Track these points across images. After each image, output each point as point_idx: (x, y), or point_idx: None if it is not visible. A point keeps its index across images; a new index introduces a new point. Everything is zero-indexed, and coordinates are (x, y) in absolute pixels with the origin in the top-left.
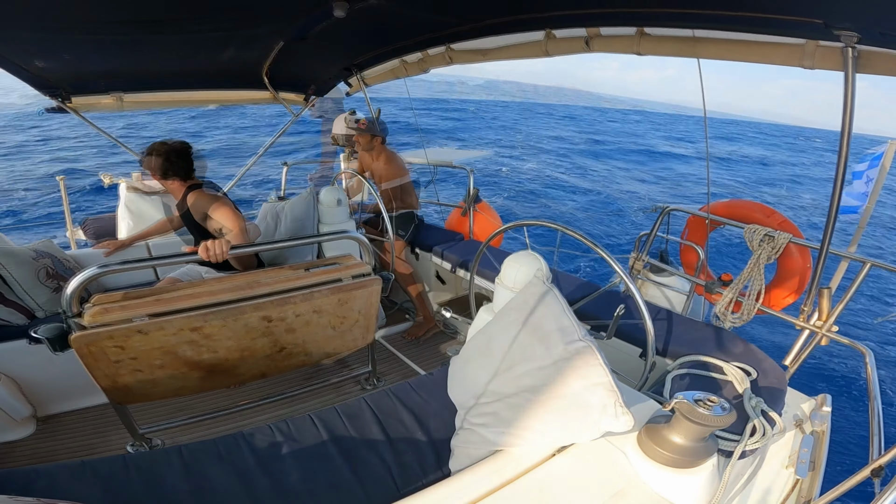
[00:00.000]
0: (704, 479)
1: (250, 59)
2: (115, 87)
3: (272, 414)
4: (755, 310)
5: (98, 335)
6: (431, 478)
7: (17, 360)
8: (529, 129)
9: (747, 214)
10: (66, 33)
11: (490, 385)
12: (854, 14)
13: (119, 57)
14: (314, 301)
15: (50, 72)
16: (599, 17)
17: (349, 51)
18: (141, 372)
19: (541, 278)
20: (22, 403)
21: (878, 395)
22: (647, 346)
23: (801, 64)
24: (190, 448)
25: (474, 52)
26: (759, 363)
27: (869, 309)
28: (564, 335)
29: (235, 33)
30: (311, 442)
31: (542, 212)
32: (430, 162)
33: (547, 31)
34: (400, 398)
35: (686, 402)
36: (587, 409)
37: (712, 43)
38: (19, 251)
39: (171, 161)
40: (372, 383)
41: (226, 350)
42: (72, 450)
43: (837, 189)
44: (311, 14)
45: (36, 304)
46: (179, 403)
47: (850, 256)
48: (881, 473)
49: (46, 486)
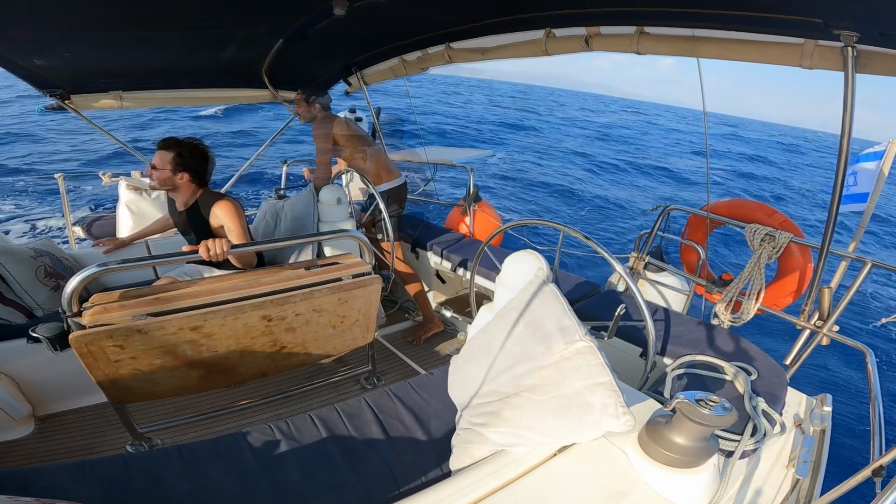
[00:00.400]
0: (705, 479)
1: (250, 58)
2: (114, 86)
3: (272, 413)
4: (755, 310)
5: (97, 334)
6: (432, 477)
7: (16, 359)
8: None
9: (748, 214)
10: (66, 31)
11: (490, 384)
12: (854, 13)
13: (119, 55)
14: (314, 300)
15: (50, 70)
16: (599, 16)
17: (349, 49)
18: (140, 371)
19: (541, 277)
20: (21, 403)
21: (879, 395)
22: (648, 345)
23: (799, 64)
24: (190, 448)
25: (474, 51)
26: (759, 363)
27: (868, 308)
28: (565, 334)
29: (235, 32)
30: (310, 441)
31: (542, 211)
32: (430, 161)
33: (547, 30)
34: (400, 397)
35: (687, 402)
36: (588, 408)
37: (711, 42)
38: (18, 249)
39: (184, 157)
40: (372, 382)
41: (226, 349)
42: (71, 449)
43: (838, 189)
44: (312, 12)
45: (35, 303)
46: (179, 403)
47: (851, 256)
48: (882, 473)
49: (46, 486)
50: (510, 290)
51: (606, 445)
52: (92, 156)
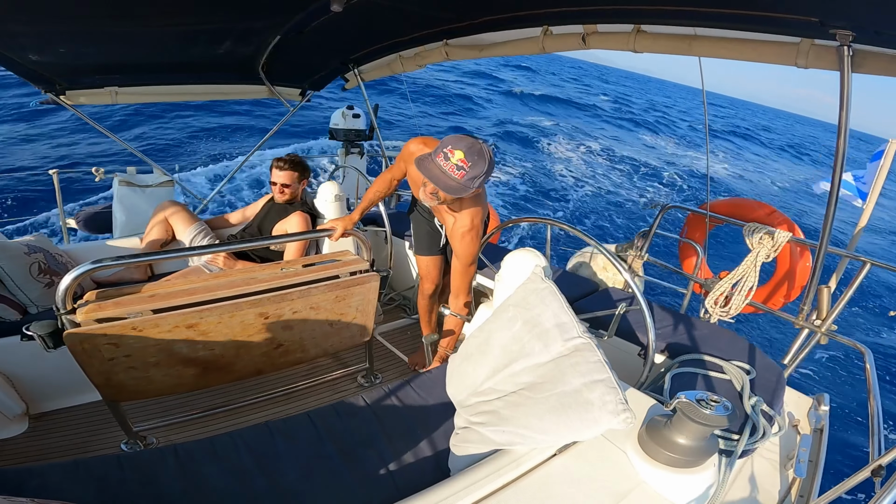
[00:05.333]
0: (705, 478)
1: (246, 54)
2: (109, 82)
3: (268, 411)
4: (743, 305)
5: (92, 332)
6: (430, 476)
7: (10, 356)
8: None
9: (748, 212)
10: (61, 27)
11: (489, 383)
12: (849, 13)
13: (114, 50)
14: (311, 297)
15: (44, 65)
16: (596, 13)
17: (346, 45)
18: (135, 369)
19: (539, 275)
20: (14, 401)
21: (878, 395)
22: (648, 344)
23: (795, 63)
24: (185, 447)
25: (471, 48)
26: (758, 362)
27: (867, 307)
28: (563, 332)
29: (232, 27)
30: (308, 440)
31: (542, 210)
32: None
33: (544, 28)
34: (398, 396)
35: (688, 401)
36: (587, 406)
37: (707, 41)
38: (11, 245)
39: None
40: (370, 380)
41: (222, 347)
42: (65, 448)
43: (835, 188)
44: (309, 8)
45: (28, 300)
46: (174, 401)
47: (850, 255)
48: (881, 473)
49: (40, 486)
50: (509, 287)
51: (606, 445)
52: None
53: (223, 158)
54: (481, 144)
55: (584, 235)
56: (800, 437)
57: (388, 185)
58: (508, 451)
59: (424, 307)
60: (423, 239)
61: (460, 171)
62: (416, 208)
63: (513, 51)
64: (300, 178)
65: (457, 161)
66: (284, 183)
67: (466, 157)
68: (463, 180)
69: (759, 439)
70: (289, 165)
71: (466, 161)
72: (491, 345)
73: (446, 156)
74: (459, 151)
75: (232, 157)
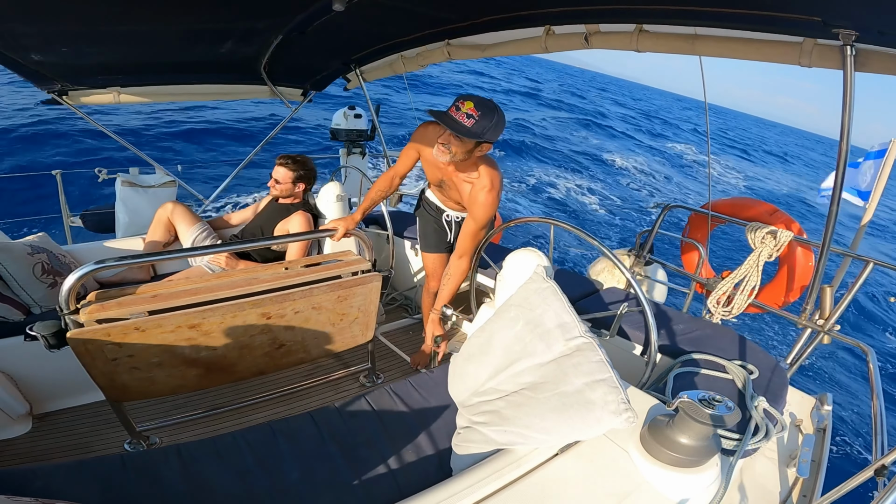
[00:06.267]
0: (707, 478)
1: (248, 54)
2: (112, 82)
3: (271, 411)
4: (746, 304)
5: (95, 332)
6: (432, 476)
7: (14, 356)
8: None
9: (750, 212)
10: (64, 27)
11: (491, 383)
12: (852, 12)
13: (117, 50)
14: (313, 298)
15: (47, 66)
16: (599, 13)
17: (348, 46)
18: (138, 369)
19: (541, 274)
20: (18, 401)
21: (881, 394)
22: (650, 344)
23: (798, 62)
24: (188, 447)
25: (473, 48)
26: (760, 361)
27: (870, 306)
28: (565, 331)
29: (234, 27)
30: (310, 440)
31: (542, 210)
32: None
33: (546, 28)
34: (400, 396)
35: (690, 401)
36: (589, 405)
37: (710, 40)
38: (14, 246)
39: (305, 177)
40: (372, 380)
41: (224, 347)
42: (68, 448)
43: (837, 188)
44: (311, 8)
45: (32, 300)
46: (177, 401)
47: (853, 255)
48: (885, 473)
49: (44, 486)
50: (511, 287)
51: (608, 445)
52: (87, 153)
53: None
54: (492, 101)
55: (586, 235)
56: (802, 436)
57: (391, 183)
58: (510, 451)
59: (429, 305)
60: (430, 236)
61: (470, 119)
62: (424, 206)
63: (515, 51)
64: (296, 178)
65: (467, 110)
66: (277, 178)
67: (476, 107)
68: (473, 127)
69: (762, 439)
70: (288, 162)
71: (476, 111)
72: (493, 345)
73: (458, 107)
74: (470, 102)
75: (234, 157)
